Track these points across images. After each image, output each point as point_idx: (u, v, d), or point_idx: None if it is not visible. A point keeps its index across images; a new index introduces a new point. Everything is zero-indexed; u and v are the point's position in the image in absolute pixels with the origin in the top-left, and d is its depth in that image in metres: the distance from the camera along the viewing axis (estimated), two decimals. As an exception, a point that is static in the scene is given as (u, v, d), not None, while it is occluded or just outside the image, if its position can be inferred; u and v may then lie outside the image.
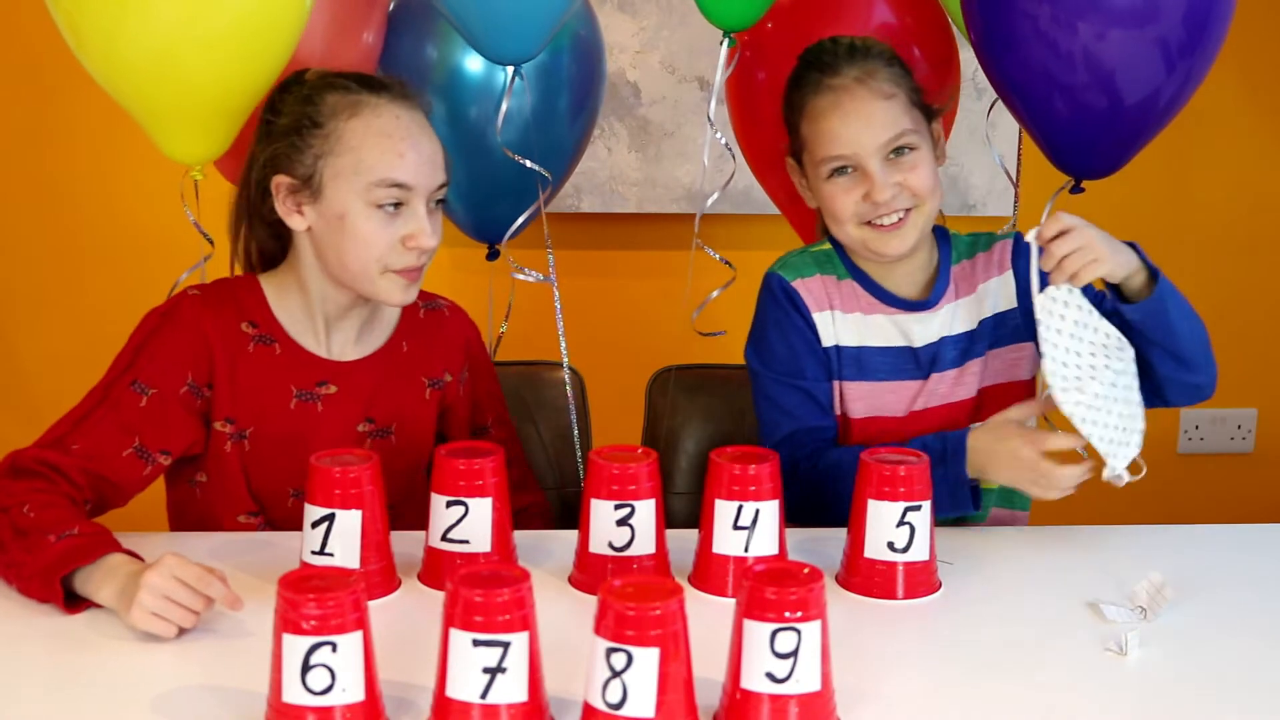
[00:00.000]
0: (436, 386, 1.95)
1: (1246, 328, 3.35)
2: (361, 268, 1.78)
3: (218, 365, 1.80)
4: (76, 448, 1.71)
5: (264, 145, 1.82)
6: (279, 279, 1.86)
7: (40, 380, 3.12)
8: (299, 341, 1.85)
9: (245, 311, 1.83)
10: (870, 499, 1.63)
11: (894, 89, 1.86)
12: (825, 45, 1.91)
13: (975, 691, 1.42)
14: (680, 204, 3.07)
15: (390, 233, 1.77)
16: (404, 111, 1.79)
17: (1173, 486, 3.37)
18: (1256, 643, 1.55)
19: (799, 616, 1.27)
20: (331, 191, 1.77)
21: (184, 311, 1.81)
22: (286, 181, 1.78)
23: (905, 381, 1.93)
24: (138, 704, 1.37)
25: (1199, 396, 1.89)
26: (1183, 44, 1.91)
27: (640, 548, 1.62)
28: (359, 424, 1.88)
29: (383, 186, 1.75)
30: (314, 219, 1.79)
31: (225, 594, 1.50)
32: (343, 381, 1.87)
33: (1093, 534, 1.87)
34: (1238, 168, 3.30)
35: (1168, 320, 1.79)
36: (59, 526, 1.58)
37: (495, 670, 1.25)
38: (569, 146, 2.36)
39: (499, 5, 1.97)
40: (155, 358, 1.77)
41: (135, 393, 1.76)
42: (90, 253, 3.10)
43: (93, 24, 1.80)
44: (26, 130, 3.04)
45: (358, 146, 1.75)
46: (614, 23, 2.97)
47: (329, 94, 1.79)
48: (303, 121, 1.78)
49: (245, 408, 1.81)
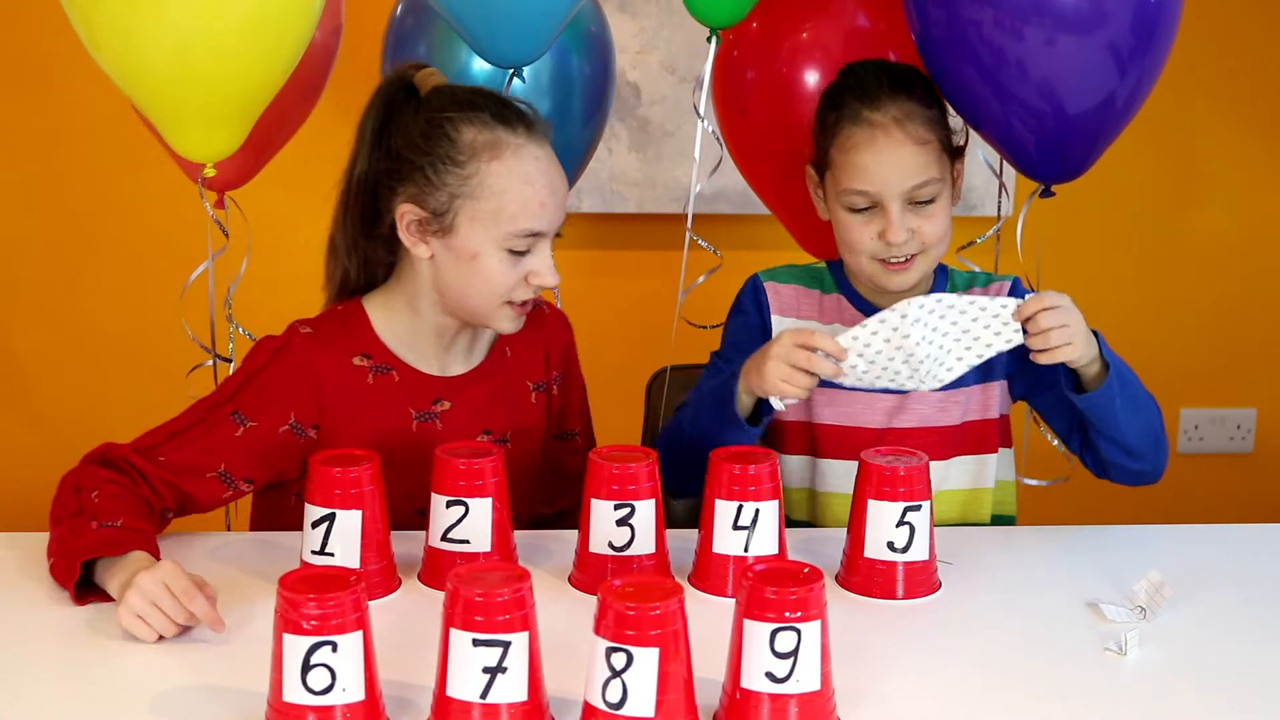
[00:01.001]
0: (540, 389, 1.95)
1: (1246, 328, 3.35)
2: (482, 302, 1.77)
3: (328, 404, 1.78)
4: (163, 459, 1.72)
5: (377, 161, 1.79)
6: (385, 300, 1.84)
7: (40, 380, 3.12)
8: (412, 365, 1.84)
9: (357, 344, 1.82)
10: (870, 499, 1.63)
11: (929, 135, 1.86)
12: (871, 72, 1.90)
13: (975, 691, 1.42)
14: (680, 204, 3.06)
15: (517, 272, 1.75)
16: (541, 152, 1.77)
17: (1173, 486, 3.36)
18: (1256, 643, 1.55)
19: (799, 616, 1.27)
20: (466, 232, 1.74)
21: (295, 350, 1.78)
22: (416, 213, 1.75)
23: (875, 393, 1.92)
24: (138, 704, 1.37)
25: (1141, 481, 1.92)
26: (1132, 48, 1.90)
27: (640, 548, 1.62)
28: (478, 436, 1.87)
29: (520, 236, 1.74)
30: (440, 251, 1.76)
31: (208, 614, 1.48)
32: (456, 397, 1.86)
33: (1093, 534, 1.88)
34: (1237, 168, 3.30)
35: (1113, 414, 1.81)
36: (108, 516, 1.60)
37: (495, 670, 1.25)
38: (581, 148, 2.36)
39: (500, 8, 1.97)
40: (261, 393, 1.76)
41: (234, 422, 1.75)
42: (90, 253, 3.10)
43: (108, 23, 1.80)
44: (27, 130, 3.04)
45: (500, 193, 1.73)
46: (614, 23, 2.94)
47: (465, 128, 1.74)
48: (437, 153, 1.74)
49: (365, 440, 1.77)
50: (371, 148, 1.80)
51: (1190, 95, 3.15)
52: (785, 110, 2.23)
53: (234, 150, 1.96)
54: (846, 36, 2.21)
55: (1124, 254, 3.29)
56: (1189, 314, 3.33)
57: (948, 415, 1.95)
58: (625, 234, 3.15)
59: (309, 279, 1.96)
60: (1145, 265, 3.30)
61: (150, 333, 3.05)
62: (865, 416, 1.95)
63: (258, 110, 1.94)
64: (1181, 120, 3.21)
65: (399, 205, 1.76)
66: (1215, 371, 3.36)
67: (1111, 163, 2.22)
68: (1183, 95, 3.08)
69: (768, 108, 2.26)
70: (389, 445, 1.78)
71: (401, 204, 1.76)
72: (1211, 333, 3.35)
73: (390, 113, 1.80)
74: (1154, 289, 3.31)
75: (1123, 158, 2.47)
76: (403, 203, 1.76)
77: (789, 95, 2.23)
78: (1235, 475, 3.41)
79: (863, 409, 1.95)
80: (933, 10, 1.98)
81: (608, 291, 3.11)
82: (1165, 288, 3.32)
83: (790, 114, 2.23)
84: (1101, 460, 1.89)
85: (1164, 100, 2.20)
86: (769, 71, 2.25)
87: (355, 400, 1.80)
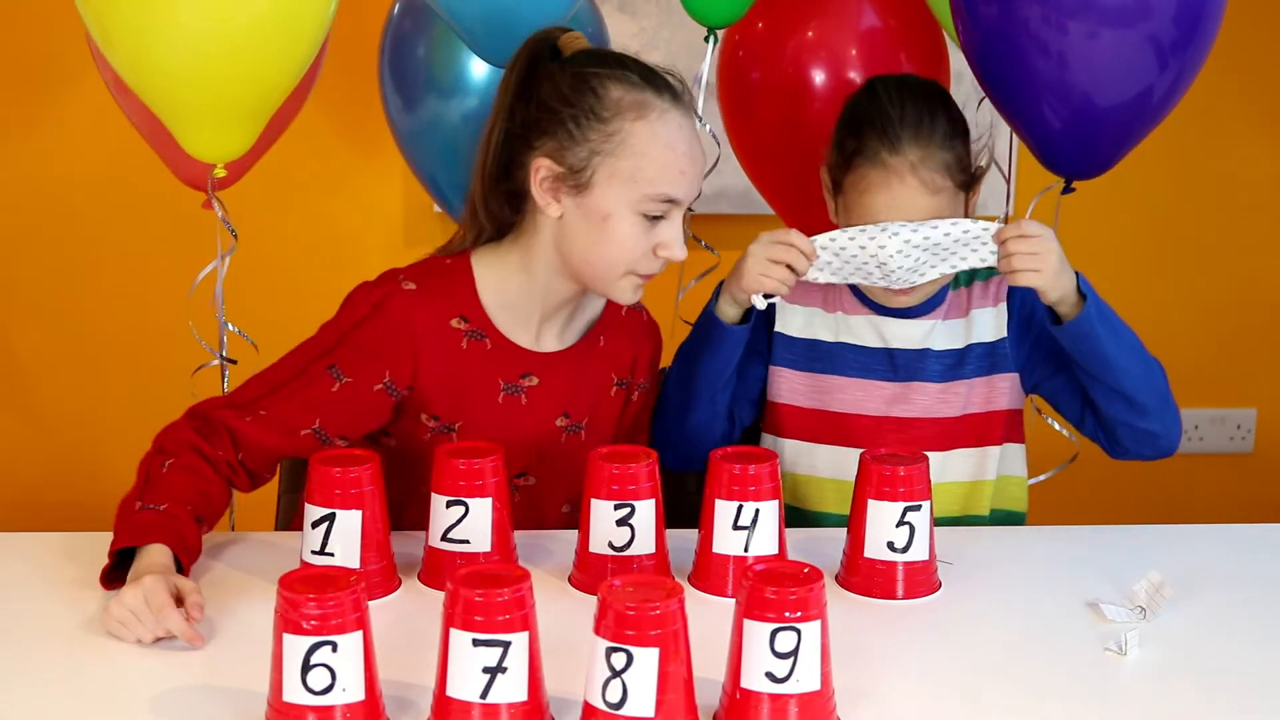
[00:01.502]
0: (623, 386, 1.93)
1: (1246, 328, 3.35)
2: (607, 268, 1.74)
3: (422, 366, 1.76)
4: (264, 413, 1.71)
5: (519, 113, 1.75)
6: (499, 258, 1.81)
7: (40, 380, 3.12)
8: (508, 335, 1.81)
9: (457, 304, 1.79)
10: (870, 499, 1.63)
11: (944, 180, 1.85)
12: (895, 101, 1.87)
13: (975, 691, 1.42)
14: (680, 204, 3.07)
15: (647, 240, 1.73)
16: (685, 120, 1.74)
17: (1173, 486, 3.37)
18: (1256, 643, 1.55)
19: (799, 616, 1.27)
20: (602, 191, 1.71)
21: (395, 307, 1.75)
22: (553, 169, 1.72)
23: (876, 381, 1.96)
24: (137, 704, 1.37)
25: (1156, 446, 1.93)
26: (1175, 41, 1.90)
27: (640, 548, 1.62)
28: (557, 418, 1.86)
29: (657, 200, 1.71)
30: (571, 209, 1.73)
31: (184, 631, 1.47)
32: (545, 373, 1.84)
33: (1093, 534, 1.88)
34: (1236, 168, 3.30)
35: (1099, 348, 1.83)
36: (159, 497, 1.62)
37: (495, 670, 1.25)
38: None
39: (497, 7, 1.97)
40: (359, 349, 1.74)
41: (331, 377, 1.73)
42: (90, 253, 3.10)
43: (120, 22, 1.80)
44: (27, 130, 3.04)
45: (641, 153, 1.70)
46: (614, 23, 2.95)
47: (612, 85, 1.71)
48: (583, 108, 1.71)
49: (453, 405, 1.79)
50: (513, 102, 1.76)
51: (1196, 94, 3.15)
52: (791, 109, 2.24)
53: (244, 151, 1.97)
54: (853, 35, 2.21)
55: (1124, 253, 3.29)
56: (1189, 314, 3.33)
57: (948, 406, 1.95)
58: (625, 234, 3.14)
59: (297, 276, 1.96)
60: (1145, 265, 3.30)
61: (150, 333, 3.06)
62: (865, 404, 1.96)
63: (269, 111, 1.94)
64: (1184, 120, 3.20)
65: (535, 160, 1.73)
66: (1215, 371, 3.36)
67: (1111, 162, 2.22)
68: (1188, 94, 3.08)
69: (773, 107, 2.26)
70: (474, 413, 1.79)
71: (538, 158, 1.73)
72: (1211, 333, 3.35)
73: (533, 69, 1.77)
74: (1154, 289, 3.31)
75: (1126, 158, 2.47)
76: (539, 157, 1.72)
77: (794, 94, 2.23)
78: (1235, 475, 3.41)
79: (863, 396, 1.96)
80: (981, 4, 1.98)
81: (607, 291, 3.11)
82: (1165, 287, 3.32)
83: (796, 113, 2.24)
84: (1108, 424, 1.89)
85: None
86: (774, 71, 2.25)
87: (448, 363, 1.78)
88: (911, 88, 1.91)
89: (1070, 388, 1.93)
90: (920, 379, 1.95)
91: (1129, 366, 1.85)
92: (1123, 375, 1.85)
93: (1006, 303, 1.96)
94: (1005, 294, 1.97)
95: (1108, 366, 1.84)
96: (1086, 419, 1.94)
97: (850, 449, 1.91)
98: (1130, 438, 1.91)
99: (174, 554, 1.57)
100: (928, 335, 1.96)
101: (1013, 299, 1.96)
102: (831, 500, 1.97)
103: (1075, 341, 1.83)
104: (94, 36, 1.86)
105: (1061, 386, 1.95)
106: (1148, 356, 1.89)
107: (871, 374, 1.97)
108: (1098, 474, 2.00)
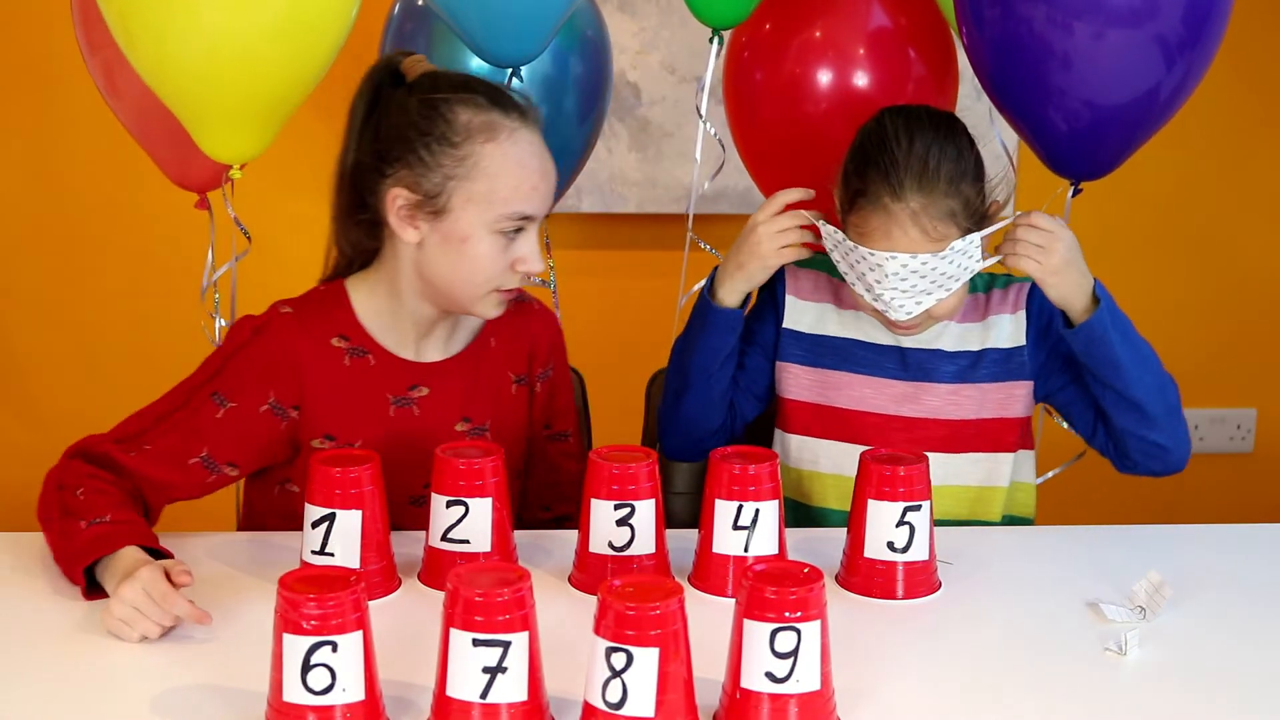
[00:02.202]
0: (522, 382, 1.94)
1: (1246, 328, 3.35)
2: (469, 288, 1.76)
3: (308, 385, 1.78)
4: (148, 448, 1.72)
5: (369, 144, 1.77)
6: (369, 283, 1.83)
7: (40, 380, 3.12)
8: (389, 349, 1.83)
9: (336, 325, 1.81)
10: (870, 499, 1.63)
11: (946, 229, 1.80)
12: (898, 148, 1.81)
13: (975, 691, 1.42)
14: (680, 204, 3.07)
15: (505, 257, 1.75)
16: (535, 138, 1.76)
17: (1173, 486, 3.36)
18: (1256, 643, 1.55)
19: (799, 616, 1.27)
20: (458, 215, 1.73)
21: (275, 330, 1.78)
22: (408, 197, 1.73)
23: (886, 380, 1.96)
24: (137, 704, 1.37)
25: (1165, 461, 1.92)
26: (1182, 40, 1.90)
27: (640, 548, 1.62)
28: (457, 424, 1.86)
29: (512, 219, 1.73)
30: (429, 234, 1.75)
31: (191, 613, 1.49)
32: (434, 382, 1.85)
33: (1093, 534, 1.88)
34: (1238, 168, 3.30)
35: (1111, 353, 1.82)
36: (94, 513, 1.61)
37: (495, 670, 1.26)
38: (577, 147, 2.36)
39: (497, 8, 1.97)
40: (241, 373, 1.76)
41: (215, 403, 1.75)
42: (90, 253, 3.10)
43: (141, 22, 1.81)
44: (28, 130, 3.04)
45: (494, 175, 1.72)
46: (614, 23, 2.96)
47: (461, 109, 1.73)
48: (434, 134, 1.72)
49: (345, 423, 1.80)
50: (361, 134, 1.79)
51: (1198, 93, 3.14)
52: (795, 110, 2.24)
53: (261, 152, 1.97)
54: (861, 34, 2.21)
55: (1124, 253, 3.29)
56: (1189, 314, 3.33)
57: (959, 409, 1.95)
58: (625, 234, 3.15)
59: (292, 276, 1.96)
60: (1145, 265, 3.30)
61: (151, 333, 3.06)
62: (872, 401, 1.96)
63: (287, 113, 1.94)
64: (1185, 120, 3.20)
65: (389, 189, 1.75)
66: (1215, 371, 3.36)
67: (1112, 163, 2.21)
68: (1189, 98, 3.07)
69: (777, 108, 2.26)
70: (367, 429, 1.79)
71: (392, 188, 1.74)
72: (1211, 333, 3.35)
73: (378, 99, 1.79)
74: (1154, 289, 3.31)
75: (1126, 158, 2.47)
76: (393, 186, 1.74)
77: (799, 95, 2.23)
78: (1235, 475, 3.41)
79: (871, 393, 1.96)
80: (986, 7, 1.97)
81: (608, 291, 3.11)
82: (1165, 287, 3.31)
83: (800, 114, 2.23)
84: (1118, 435, 1.89)
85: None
86: (779, 71, 2.24)
87: (333, 382, 1.80)
88: (921, 124, 1.84)
89: (1083, 399, 1.93)
90: (931, 379, 1.95)
91: (1141, 376, 1.84)
92: (1134, 384, 1.84)
93: (1025, 310, 1.95)
94: (1025, 301, 1.96)
95: (1119, 373, 1.83)
96: (1098, 431, 1.93)
97: (854, 445, 1.91)
98: (1139, 450, 1.90)
99: (145, 550, 1.58)
100: (939, 335, 1.95)
101: (1031, 306, 1.95)
102: (833, 496, 1.97)
103: (1088, 346, 1.83)
104: (115, 36, 1.86)
105: (1075, 397, 1.94)
106: (1162, 370, 1.88)
107: (882, 371, 1.96)
108: (1098, 474, 1.99)
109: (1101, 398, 1.87)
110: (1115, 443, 1.91)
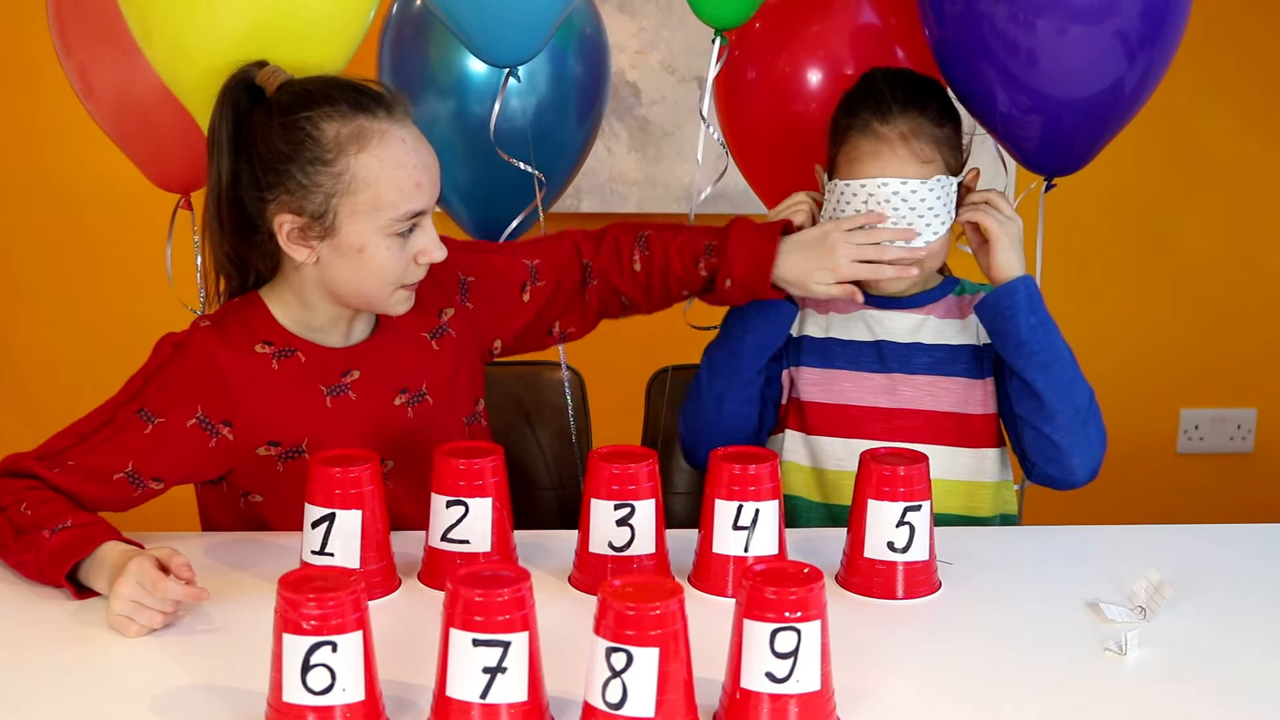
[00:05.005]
0: (438, 334, 1.92)
1: (1246, 328, 3.36)
2: (375, 291, 1.75)
3: (236, 397, 1.76)
4: (72, 464, 1.70)
5: (242, 173, 1.73)
6: (278, 295, 1.82)
7: (40, 380, 3.13)
8: (318, 342, 1.82)
9: (257, 333, 1.80)
10: (870, 499, 1.63)
11: (933, 154, 1.87)
12: (887, 82, 1.91)
13: (975, 691, 1.42)
14: (680, 204, 3.07)
15: (405, 255, 1.74)
16: (406, 132, 1.73)
17: (1172, 486, 3.37)
18: (1256, 643, 1.55)
19: (799, 616, 1.27)
20: (349, 228, 1.71)
21: (196, 344, 1.77)
22: (295, 221, 1.71)
23: (863, 373, 1.98)
24: (137, 704, 1.37)
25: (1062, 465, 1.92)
26: (1142, 36, 1.90)
27: (640, 548, 1.62)
28: (395, 398, 1.86)
29: (404, 219, 1.72)
30: (325, 251, 1.73)
31: (187, 593, 1.50)
32: (363, 363, 1.84)
33: (1093, 534, 1.88)
34: (1235, 167, 3.30)
35: (1016, 332, 1.85)
36: (53, 520, 1.61)
37: (495, 670, 1.26)
38: (575, 147, 2.36)
39: (495, 8, 1.97)
40: (164, 389, 1.75)
41: (141, 420, 1.74)
42: (90, 253, 3.10)
43: (162, 20, 1.81)
44: (27, 130, 3.04)
45: (375, 182, 1.69)
46: (614, 23, 2.97)
47: (325, 123, 1.69)
48: (305, 157, 1.69)
49: (285, 426, 1.79)
50: (231, 157, 1.75)
51: (1192, 94, 3.15)
52: (786, 110, 2.24)
53: None
54: (850, 35, 2.21)
55: (1124, 254, 3.30)
56: (1189, 314, 3.33)
57: (936, 400, 1.97)
58: (625, 234, 3.14)
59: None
60: (1145, 265, 3.31)
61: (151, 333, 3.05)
62: (853, 395, 1.98)
63: None
64: (1182, 119, 3.21)
65: (275, 216, 1.72)
66: (1215, 372, 3.36)
67: (1111, 162, 2.22)
68: (1184, 94, 3.08)
69: (769, 107, 2.26)
70: (309, 426, 1.79)
71: (277, 214, 1.72)
72: (1211, 333, 3.35)
73: (240, 118, 1.76)
74: (1154, 289, 3.31)
75: (1122, 157, 2.47)
76: (279, 213, 1.72)
77: (790, 95, 2.23)
78: (1235, 475, 3.42)
79: (850, 387, 1.98)
80: (947, 4, 1.98)
81: (608, 291, 3.11)
82: (1165, 288, 3.32)
83: (791, 113, 2.23)
84: (1017, 425, 1.92)
85: (1165, 99, 2.20)
86: (771, 71, 2.25)
87: (263, 387, 1.78)
88: (906, 75, 1.94)
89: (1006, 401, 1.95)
90: (907, 370, 1.97)
91: (1047, 365, 1.86)
92: (1036, 371, 1.86)
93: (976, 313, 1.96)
94: None
95: (1020, 351, 1.86)
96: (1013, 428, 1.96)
97: (833, 439, 1.96)
98: (1034, 445, 1.92)
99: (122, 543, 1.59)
100: (918, 329, 1.97)
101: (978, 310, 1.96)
102: (832, 493, 1.98)
103: (995, 318, 1.87)
104: (133, 33, 1.87)
105: (1004, 395, 1.96)
106: (1076, 372, 1.89)
107: (860, 366, 1.98)
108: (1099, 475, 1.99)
109: (1008, 381, 1.90)
110: (1015, 434, 1.93)
